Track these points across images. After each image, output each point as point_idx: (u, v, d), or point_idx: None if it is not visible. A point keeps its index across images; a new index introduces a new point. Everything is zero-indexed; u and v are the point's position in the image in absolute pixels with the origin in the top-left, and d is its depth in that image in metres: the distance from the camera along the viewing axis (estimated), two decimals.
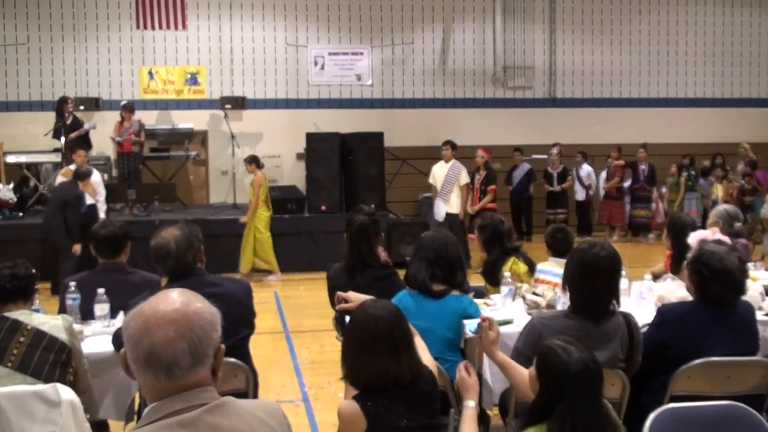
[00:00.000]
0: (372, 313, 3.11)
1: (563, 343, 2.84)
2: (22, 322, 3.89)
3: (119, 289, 4.83)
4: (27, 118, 15.46)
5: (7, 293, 3.96)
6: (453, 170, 12.29)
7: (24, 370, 3.78)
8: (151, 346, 1.84)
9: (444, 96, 17.17)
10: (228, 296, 3.99)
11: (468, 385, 3.35)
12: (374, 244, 4.99)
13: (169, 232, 4.09)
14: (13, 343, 3.81)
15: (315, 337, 8.50)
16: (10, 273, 3.99)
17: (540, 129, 17.26)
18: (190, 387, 1.87)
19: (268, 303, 10.20)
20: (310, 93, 16.60)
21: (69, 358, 3.93)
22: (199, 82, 16.16)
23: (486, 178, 12.54)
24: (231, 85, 16.25)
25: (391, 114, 16.72)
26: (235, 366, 4.06)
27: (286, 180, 15.84)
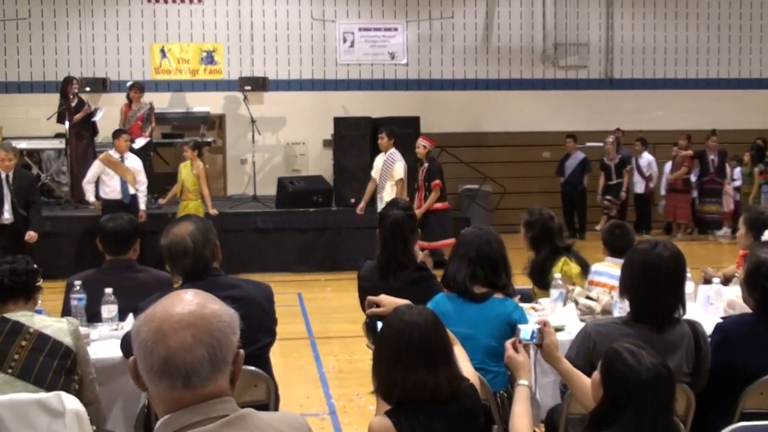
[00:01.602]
0: (407, 320, 3.11)
1: (632, 347, 2.82)
2: (23, 325, 3.92)
3: (128, 289, 4.87)
4: (28, 100, 15.66)
5: (6, 290, 3.99)
6: (387, 162, 11.53)
7: (26, 377, 3.82)
8: (167, 353, 1.84)
9: (487, 76, 17.11)
10: (248, 300, 4.01)
11: (518, 364, 3.40)
12: (410, 241, 4.98)
13: (183, 227, 4.11)
14: (14, 348, 3.84)
15: (343, 344, 8.51)
16: (9, 268, 4.02)
17: (595, 113, 17.13)
18: (208, 397, 1.88)
19: (291, 306, 10.24)
20: (339, 73, 16.62)
21: (74, 364, 3.97)
22: (215, 60, 16.25)
23: (428, 172, 11.49)
24: (251, 64, 16.32)
25: (429, 96, 16.69)
26: (255, 375, 4.08)
27: (311, 170, 15.88)
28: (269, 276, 11.17)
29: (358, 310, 4.77)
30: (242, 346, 1.96)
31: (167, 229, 4.22)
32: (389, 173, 11.45)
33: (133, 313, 4.71)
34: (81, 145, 13.09)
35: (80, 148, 13.04)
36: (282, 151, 16.42)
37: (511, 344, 3.48)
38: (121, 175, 11.56)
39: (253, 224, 12.68)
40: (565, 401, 3.93)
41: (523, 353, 3.45)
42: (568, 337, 4.49)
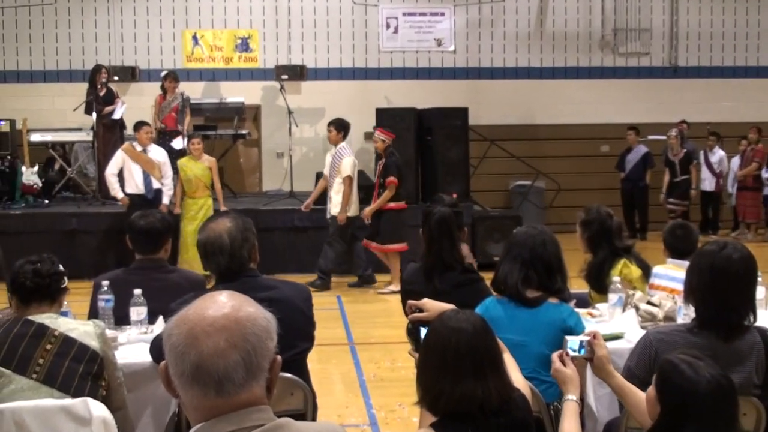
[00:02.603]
0: (453, 326, 3.10)
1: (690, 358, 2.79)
2: (48, 328, 3.97)
3: (158, 290, 4.91)
4: (54, 90, 15.88)
5: (28, 292, 4.04)
6: (335, 158, 11.41)
7: (50, 383, 3.87)
8: (199, 358, 1.86)
9: (541, 64, 17.02)
10: (284, 302, 4.02)
11: (566, 377, 3.37)
12: (456, 240, 4.98)
13: (220, 224, 4.15)
14: (38, 352, 3.90)
15: (385, 350, 8.52)
16: (32, 269, 4.07)
17: (658, 104, 16.97)
18: (243, 405, 1.89)
19: (330, 309, 10.28)
20: (381, 61, 16.64)
21: (101, 369, 4.02)
22: (251, 48, 16.35)
23: (384, 168, 11.27)
24: (288, 51, 16.40)
25: (478, 86, 16.65)
26: (292, 382, 4.10)
27: None
28: (307, 277, 11.21)
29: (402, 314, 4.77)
30: (278, 352, 1.97)
31: (204, 224, 4.26)
32: (337, 169, 11.36)
33: (163, 315, 4.76)
34: (109, 138, 13.24)
35: (108, 141, 13.18)
36: (321, 145, 16.45)
37: (558, 356, 3.45)
38: (144, 167, 11.66)
39: (289, 222, 12.72)
40: (624, 415, 3.90)
41: (571, 366, 3.43)
42: (628, 345, 4.45)
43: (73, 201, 13.94)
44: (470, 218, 12.38)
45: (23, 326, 3.96)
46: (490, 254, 11.92)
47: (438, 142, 13.51)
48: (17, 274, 4.06)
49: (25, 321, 3.98)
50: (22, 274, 4.06)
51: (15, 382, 3.83)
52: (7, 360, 3.85)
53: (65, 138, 14.66)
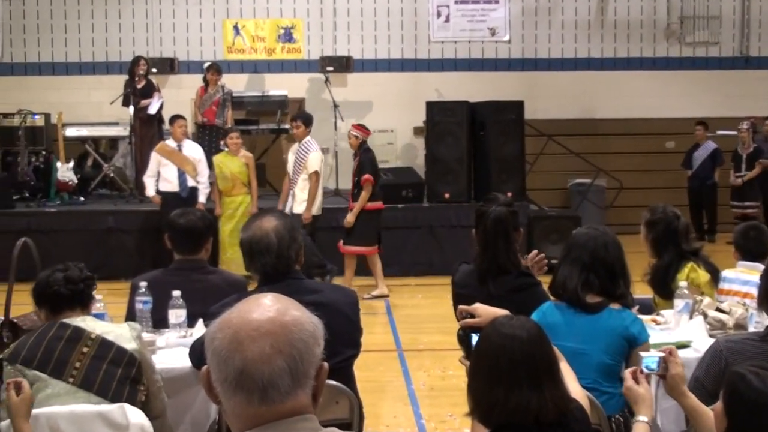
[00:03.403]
0: (506, 333, 3.09)
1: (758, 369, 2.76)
2: (84, 330, 4.03)
3: (198, 292, 4.96)
4: (90, 82, 16.09)
5: (62, 299, 4.12)
6: (299, 153, 11.30)
7: (88, 387, 3.93)
8: (244, 364, 1.88)
9: (602, 55, 16.89)
10: (330, 306, 4.03)
11: (638, 396, 3.34)
12: (513, 242, 4.96)
13: (268, 222, 4.17)
14: (74, 355, 3.96)
15: (435, 357, 8.51)
16: (63, 276, 4.15)
17: (728, 97, 16.76)
18: (288, 414, 1.90)
19: (377, 314, 10.30)
20: (432, 52, 16.62)
21: (140, 374, 4.07)
22: (294, 38, 16.42)
23: (359, 165, 11.19)
24: (333, 42, 16.44)
25: (534, 78, 16.57)
26: (337, 390, 4.12)
27: (400, 160, 15.93)
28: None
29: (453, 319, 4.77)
30: (325, 359, 1.98)
31: (249, 222, 4.28)
32: (303, 165, 11.24)
33: (203, 318, 4.80)
34: (146, 133, 13.37)
35: (145, 136, 13.31)
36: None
37: (632, 374, 3.41)
38: (178, 165, 11.76)
39: (334, 221, 12.71)
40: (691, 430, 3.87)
41: (645, 385, 3.38)
42: (695, 355, 4.42)
43: (109, 198, 14.10)
44: (526, 218, 12.32)
45: (59, 329, 4.02)
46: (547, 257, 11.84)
47: (491, 138, 13.47)
48: (47, 283, 4.14)
49: (60, 324, 4.04)
50: (53, 282, 4.13)
51: (51, 386, 3.89)
52: (43, 364, 3.91)
53: (101, 132, 14.85)
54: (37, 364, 3.91)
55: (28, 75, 16.17)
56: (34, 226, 12.34)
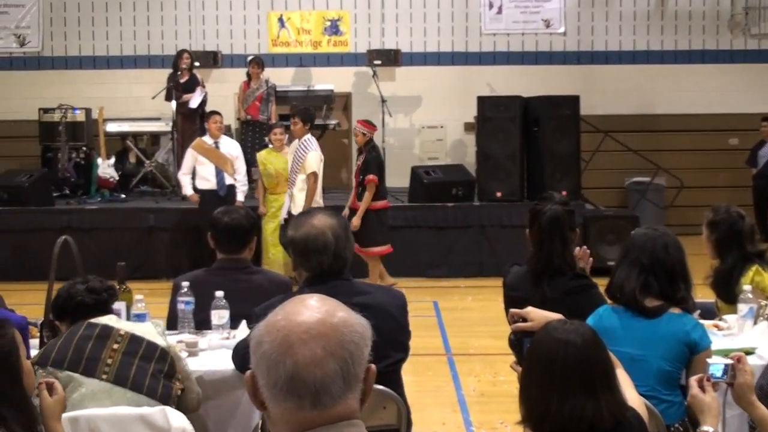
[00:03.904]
0: (560, 338, 3.08)
1: None
2: (113, 328, 4.12)
3: (241, 293, 5.00)
4: (131, 76, 16.24)
5: (86, 308, 4.21)
6: (297, 152, 11.17)
7: (122, 383, 4.00)
8: (295, 368, 1.88)
9: (662, 47, 16.75)
10: (378, 308, 4.05)
11: (704, 406, 3.31)
12: (569, 242, 4.94)
13: (322, 220, 4.17)
14: (105, 352, 4.04)
15: (486, 362, 8.50)
16: (84, 287, 4.26)
17: None
18: (337, 419, 1.91)
19: (426, 317, 10.29)
20: (483, 45, 16.58)
21: (173, 368, 4.14)
22: (341, 31, 16.46)
23: (364, 164, 11.20)
24: (381, 35, 16.46)
25: (590, 72, 16.47)
26: (384, 395, 4.13)
27: (450, 157, 15.90)
28: (400, 281, 11.26)
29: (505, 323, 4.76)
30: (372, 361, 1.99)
31: (300, 219, 4.28)
32: (301, 164, 11.13)
33: (246, 319, 4.83)
34: (188, 128, 13.47)
35: (187, 132, 13.41)
36: (416, 136, 16.51)
37: (698, 381, 3.37)
38: (215, 163, 11.82)
39: None
40: None
41: (711, 394, 3.34)
42: (760, 362, 4.37)
43: (150, 196, 14.22)
44: (581, 219, 12.25)
45: (87, 329, 4.10)
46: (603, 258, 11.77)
47: (546, 134, 13.42)
48: (70, 295, 4.25)
49: (88, 324, 4.12)
50: (76, 293, 4.24)
51: (85, 385, 3.96)
52: (74, 363, 3.99)
53: (143, 128, 14.99)
54: (68, 365, 3.99)
55: (68, 69, 16.37)
56: (74, 223, 12.48)
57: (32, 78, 16.23)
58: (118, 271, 5.33)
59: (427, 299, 11.28)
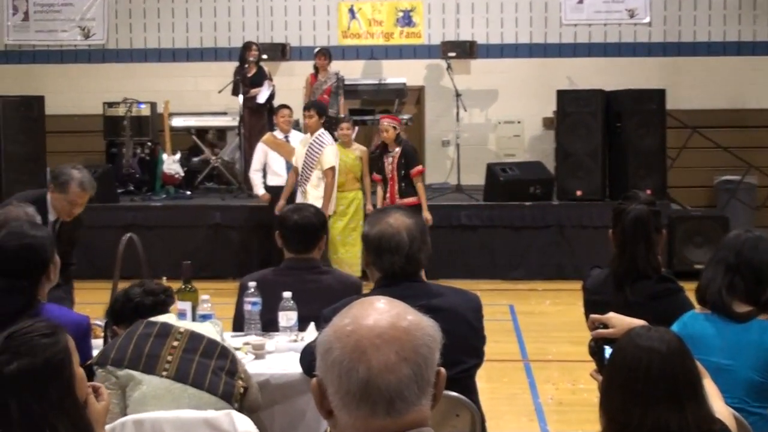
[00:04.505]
0: (643, 345, 3.06)
1: None
2: (172, 326, 4.21)
3: (310, 294, 5.03)
4: (197, 70, 16.42)
5: (145, 309, 4.33)
6: (313, 146, 11.19)
7: (183, 380, 4.07)
8: (369, 375, 1.90)
9: (754, 38, 16.50)
10: (451, 311, 4.05)
11: None
12: (654, 244, 4.89)
13: (399, 219, 4.17)
14: (165, 349, 4.11)
15: (564, 369, 8.48)
16: (141, 290, 4.39)
17: None
18: (410, 426, 1.92)
19: (501, 320, 10.28)
20: (563, 36, 16.48)
21: (235, 366, 4.20)
22: (414, 22, 16.47)
23: (404, 157, 11.24)
24: (456, 26, 16.44)
25: (677, 64, 16.29)
26: (457, 402, 4.13)
27: (527, 154, 15.83)
28: (474, 283, 11.23)
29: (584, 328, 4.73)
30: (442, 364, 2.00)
31: (377, 216, 4.29)
32: (316, 160, 11.09)
33: (314, 321, 4.86)
34: (255, 123, 13.58)
35: (254, 127, 13.52)
36: (492, 132, 16.46)
37: None
38: (287, 158, 11.88)
39: (456, 220, 12.78)
40: None
41: None
42: None
43: (217, 192, 14.37)
44: (667, 219, 12.13)
45: (146, 327, 4.18)
46: (690, 261, 11.67)
47: (629, 130, 13.31)
48: (128, 298, 4.37)
49: (147, 322, 4.20)
50: (133, 295, 4.37)
51: (146, 383, 4.03)
52: (134, 361, 4.06)
53: (209, 123, 15.14)
54: (128, 363, 4.06)
55: (133, 62, 16.59)
56: (139, 221, 12.66)
57: (97, 71, 16.49)
58: (183, 270, 5.38)
59: (502, 302, 11.26)
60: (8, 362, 3.00)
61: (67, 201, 6.31)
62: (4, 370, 2.99)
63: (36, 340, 3.05)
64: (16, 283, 4.24)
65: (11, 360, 3.00)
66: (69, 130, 15.74)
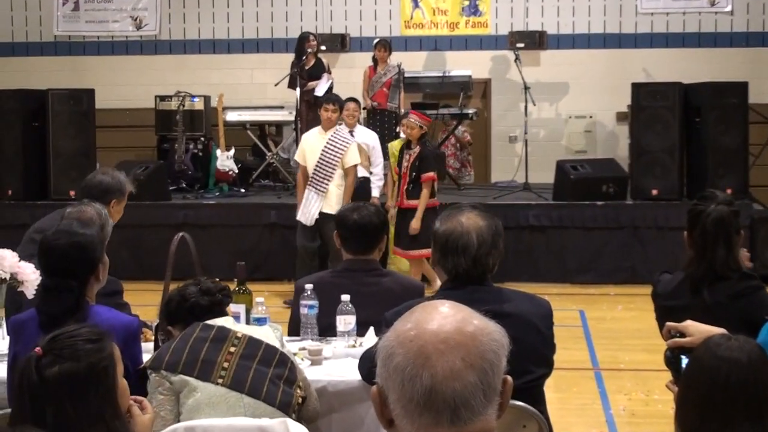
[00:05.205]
0: (722, 355, 3.03)
1: None
2: (229, 330, 4.22)
3: (369, 297, 5.05)
4: (253, 61, 16.52)
5: (201, 310, 4.34)
6: (335, 142, 10.93)
7: (239, 388, 4.08)
8: (433, 382, 1.90)
9: None
10: (519, 317, 4.04)
11: None
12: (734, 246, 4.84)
13: (471, 219, 4.16)
14: (222, 355, 4.13)
15: (638, 378, 8.42)
16: (197, 289, 4.39)
17: None
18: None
19: (571, 327, 10.23)
20: (639, 25, 16.36)
21: (294, 374, 4.21)
22: (480, 11, 16.44)
23: (421, 159, 10.99)
24: (524, 15, 16.38)
25: (761, 55, 16.10)
26: (525, 413, 4.12)
27: (600, 151, 15.75)
28: (543, 287, 11.21)
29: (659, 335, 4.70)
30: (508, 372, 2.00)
31: (450, 213, 4.27)
32: (340, 158, 10.88)
33: (374, 326, 4.87)
34: (312, 118, 13.61)
35: (312, 122, 13.55)
36: (563, 127, 16.39)
37: None
38: None
39: (523, 220, 12.73)
40: None
41: None
42: None
43: (272, 190, 14.44)
44: (748, 219, 12.01)
45: (202, 330, 4.20)
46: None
47: (709, 125, 13.17)
48: (183, 297, 4.37)
49: (203, 325, 4.22)
50: (189, 295, 4.37)
51: (200, 390, 4.06)
52: (188, 367, 4.09)
53: (264, 117, 15.24)
54: (182, 368, 4.09)
55: (186, 54, 16.73)
56: (191, 219, 12.75)
57: (148, 63, 16.67)
58: (237, 271, 5.42)
59: (572, 308, 11.21)
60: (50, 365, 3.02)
61: (123, 206, 6.39)
62: (45, 373, 3.02)
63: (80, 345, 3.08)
64: (64, 282, 4.27)
65: (53, 363, 3.03)
66: (119, 124, 15.92)
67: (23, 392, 3.04)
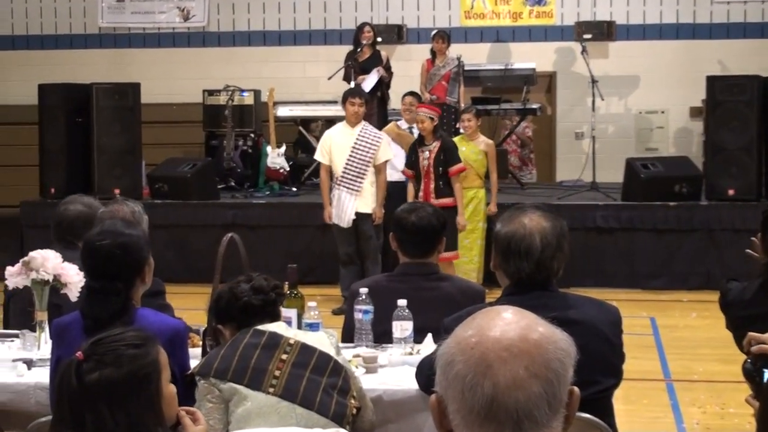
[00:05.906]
0: None
1: None
2: (282, 336, 4.22)
3: (427, 303, 5.05)
4: (305, 54, 16.59)
5: (253, 310, 4.30)
6: (365, 139, 10.97)
7: (291, 398, 4.09)
8: (494, 391, 1.89)
9: None
10: (586, 325, 4.01)
11: None
12: None
13: (534, 220, 4.13)
14: (273, 363, 4.13)
15: (712, 390, 8.35)
16: (249, 287, 4.34)
17: None
18: None
19: (641, 335, 10.17)
20: (715, 15, 16.23)
21: (348, 384, 4.21)
22: (545, 0, 16.39)
23: (444, 152, 10.96)
24: (592, 4, 16.32)
25: None
26: (592, 425, 4.09)
27: (673, 148, 15.67)
28: (611, 293, 11.17)
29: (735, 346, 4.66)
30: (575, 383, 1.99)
31: (512, 214, 4.26)
32: (372, 155, 10.91)
33: (432, 333, 4.87)
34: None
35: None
36: (633, 123, 16.30)
37: None
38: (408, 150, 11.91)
39: (590, 221, 12.67)
40: None
41: None
42: None
43: None
44: None
45: (253, 336, 4.20)
46: None
47: None
48: (234, 295, 4.32)
49: (254, 331, 4.22)
50: (240, 293, 4.31)
51: (250, 399, 4.07)
52: (239, 374, 4.10)
53: (317, 112, 15.26)
54: (232, 376, 4.10)
55: (236, 46, 16.85)
56: (240, 219, 12.82)
57: (196, 56, 16.80)
58: (288, 274, 5.43)
59: (643, 315, 11.15)
60: (91, 371, 3.03)
61: None
62: (86, 379, 3.02)
63: (122, 350, 3.08)
64: (110, 285, 4.28)
65: (94, 369, 3.04)
66: (166, 120, 16.05)
67: (63, 398, 3.06)
